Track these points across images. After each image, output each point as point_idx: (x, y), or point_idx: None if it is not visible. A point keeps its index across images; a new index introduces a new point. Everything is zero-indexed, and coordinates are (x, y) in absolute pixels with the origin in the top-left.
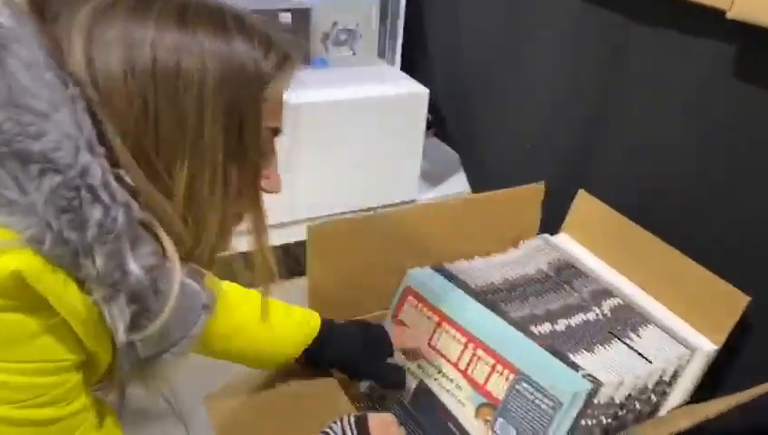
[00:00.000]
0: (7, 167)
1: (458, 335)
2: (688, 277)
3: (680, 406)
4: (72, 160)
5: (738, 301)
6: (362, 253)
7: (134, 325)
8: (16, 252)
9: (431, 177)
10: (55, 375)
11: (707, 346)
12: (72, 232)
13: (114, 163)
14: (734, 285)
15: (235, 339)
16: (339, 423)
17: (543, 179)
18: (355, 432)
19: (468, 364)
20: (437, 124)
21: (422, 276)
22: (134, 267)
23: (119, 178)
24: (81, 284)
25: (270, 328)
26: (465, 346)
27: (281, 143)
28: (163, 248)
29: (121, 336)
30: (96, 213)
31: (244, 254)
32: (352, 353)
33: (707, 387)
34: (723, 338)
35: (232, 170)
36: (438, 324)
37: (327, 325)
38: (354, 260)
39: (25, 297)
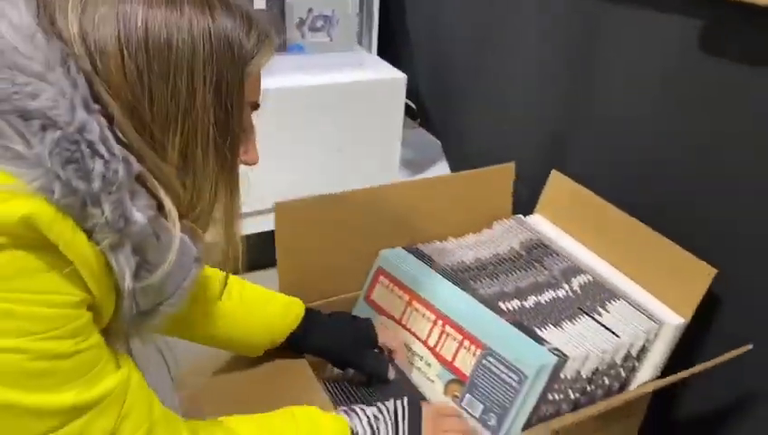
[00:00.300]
0: (11, 122)
1: (428, 313)
2: (657, 252)
3: (651, 381)
4: (70, 117)
5: (705, 273)
6: (333, 232)
7: (136, 277)
8: (28, 197)
9: (414, 165)
10: (66, 308)
11: (676, 320)
12: (79, 181)
13: (110, 121)
14: (702, 259)
15: (218, 323)
16: (392, 402)
17: (523, 162)
18: (407, 409)
19: (437, 341)
20: (422, 114)
21: (394, 257)
22: (138, 216)
23: (115, 136)
24: (89, 235)
25: (252, 314)
26: (435, 323)
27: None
28: (159, 204)
29: (128, 282)
30: (98, 166)
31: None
32: (337, 343)
33: (680, 361)
34: (691, 311)
35: (220, 142)
36: (409, 303)
37: (312, 314)
38: (325, 240)
39: (35, 241)
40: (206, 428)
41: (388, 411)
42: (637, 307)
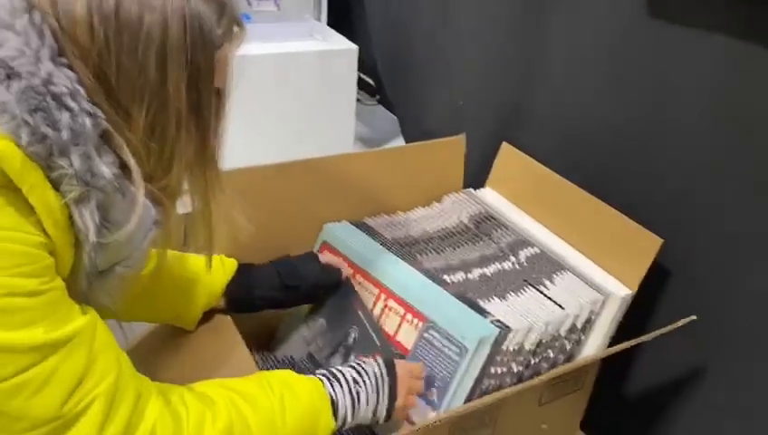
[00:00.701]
0: None
1: (371, 287)
2: (605, 223)
3: (596, 357)
4: (34, 68)
5: (652, 244)
6: (276, 204)
7: (98, 234)
8: None
9: (371, 142)
10: (31, 247)
11: (622, 291)
12: (47, 129)
13: (80, 80)
14: (650, 230)
15: (147, 295)
16: (371, 360)
17: (477, 136)
18: (384, 372)
19: (380, 315)
20: (380, 91)
21: (338, 230)
22: (105, 171)
23: (85, 92)
24: (55, 187)
25: (180, 278)
26: (378, 297)
27: None
28: (123, 163)
29: (92, 236)
30: (65, 117)
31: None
32: (278, 279)
33: (627, 334)
34: (637, 283)
35: (192, 123)
36: (352, 277)
37: (248, 266)
38: (267, 212)
39: (1, 180)
40: (175, 391)
41: (368, 376)
42: (583, 279)
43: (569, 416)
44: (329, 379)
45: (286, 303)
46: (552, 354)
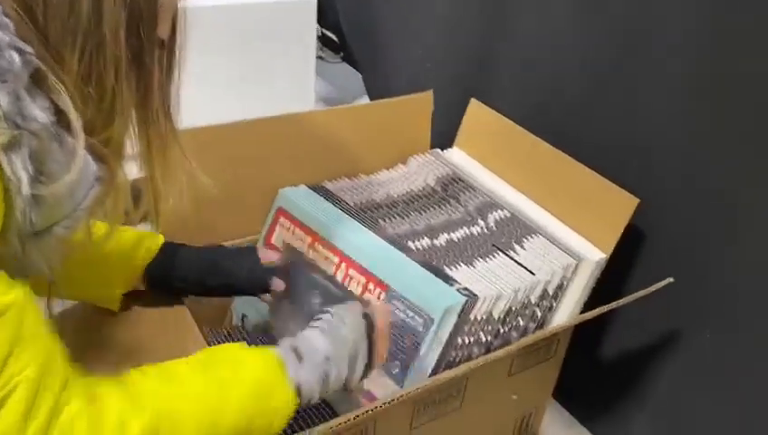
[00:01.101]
0: None
1: (330, 255)
2: (578, 183)
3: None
4: None
5: (627, 204)
6: (226, 168)
7: (32, 187)
8: None
9: (335, 102)
10: None
11: (596, 255)
12: None
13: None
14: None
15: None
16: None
17: (445, 94)
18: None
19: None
20: (344, 47)
21: (295, 195)
22: (38, 114)
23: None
24: None
25: (100, 255)
26: (338, 266)
27: None
28: (60, 111)
29: (25, 188)
30: None
31: None
32: (207, 267)
33: (601, 300)
34: (611, 246)
35: (132, 74)
36: (311, 245)
37: (174, 245)
38: (216, 176)
39: None
40: (104, 385)
41: (339, 341)
42: (555, 243)
43: (540, 385)
44: (289, 354)
45: (206, 295)
46: (522, 323)
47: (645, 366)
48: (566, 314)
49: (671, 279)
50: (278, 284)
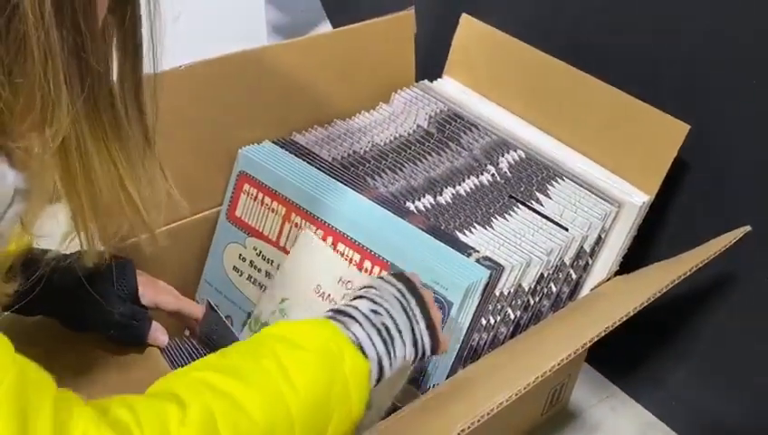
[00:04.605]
0: None
1: (312, 228)
2: (606, 110)
3: (607, 280)
4: None
5: (674, 133)
6: (168, 127)
7: None
8: None
9: (290, 31)
10: None
11: (638, 198)
12: None
13: None
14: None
15: None
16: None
17: (427, 10)
18: (404, 289)
19: None
20: None
21: (259, 155)
22: None
23: None
24: None
25: None
26: (324, 241)
27: None
28: None
29: None
30: None
31: None
32: (65, 298)
33: (640, 248)
34: (656, 185)
35: (72, 65)
36: (286, 218)
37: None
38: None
39: None
40: (113, 400)
41: (387, 300)
42: (586, 187)
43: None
44: (336, 315)
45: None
46: (554, 289)
47: (687, 316)
48: (603, 271)
49: (749, 227)
50: (159, 338)
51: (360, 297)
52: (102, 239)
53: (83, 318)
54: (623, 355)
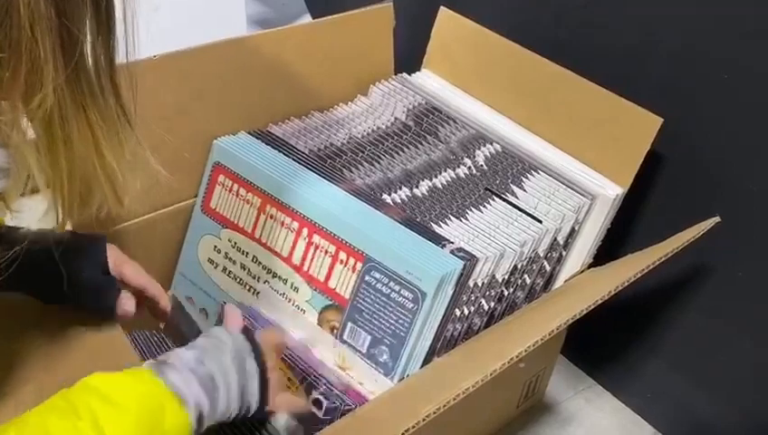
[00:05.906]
0: None
1: (288, 220)
2: (582, 103)
3: (581, 272)
4: None
5: (647, 126)
6: (150, 118)
7: None
8: None
9: (270, 24)
10: None
11: (612, 190)
12: None
13: None
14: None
15: None
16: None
17: (406, 7)
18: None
19: (304, 257)
20: None
21: (234, 146)
22: None
23: None
24: None
25: None
26: (299, 233)
27: None
28: None
29: None
30: None
31: None
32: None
33: (614, 240)
34: (630, 178)
35: (55, 27)
36: (261, 209)
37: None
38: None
39: None
40: None
41: (213, 350)
42: (560, 179)
43: (548, 348)
44: (158, 365)
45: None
46: (528, 280)
47: (661, 307)
48: (577, 261)
49: (718, 218)
50: (127, 305)
51: (191, 347)
52: (79, 209)
53: (57, 290)
54: (599, 348)
